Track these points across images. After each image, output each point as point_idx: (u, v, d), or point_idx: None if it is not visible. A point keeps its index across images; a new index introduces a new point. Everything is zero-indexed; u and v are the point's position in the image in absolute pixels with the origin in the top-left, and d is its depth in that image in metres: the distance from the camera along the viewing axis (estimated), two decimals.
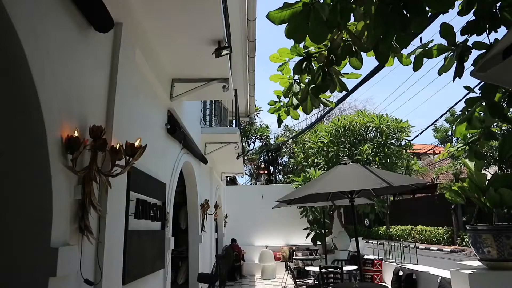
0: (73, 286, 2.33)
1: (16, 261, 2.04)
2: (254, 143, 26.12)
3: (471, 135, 3.71)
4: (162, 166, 4.82)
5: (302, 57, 2.78)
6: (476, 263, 4.48)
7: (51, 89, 2.08)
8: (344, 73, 2.92)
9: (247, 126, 24.12)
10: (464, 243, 18.19)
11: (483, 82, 2.85)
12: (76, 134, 2.21)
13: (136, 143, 2.59)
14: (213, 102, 9.72)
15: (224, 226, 13.65)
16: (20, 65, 1.89)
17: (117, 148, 2.55)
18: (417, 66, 2.75)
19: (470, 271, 4.07)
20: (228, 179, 18.71)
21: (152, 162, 4.28)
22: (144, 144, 2.68)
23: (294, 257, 12.01)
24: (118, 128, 2.93)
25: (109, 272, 2.78)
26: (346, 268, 8.05)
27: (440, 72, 2.92)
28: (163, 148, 4.95)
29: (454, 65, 2.74)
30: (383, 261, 8.12)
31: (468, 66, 2.72)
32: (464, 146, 3.58)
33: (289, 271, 8.79)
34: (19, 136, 2.05)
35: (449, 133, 32.47)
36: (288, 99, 3.13)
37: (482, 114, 3.30)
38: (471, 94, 3.19)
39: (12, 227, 2.06)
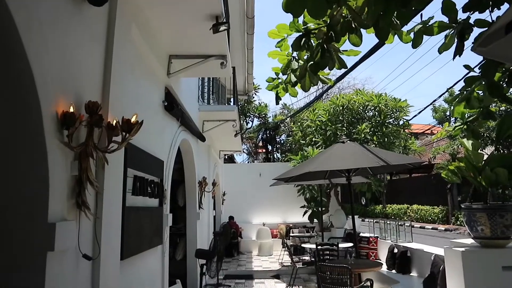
0: (71, 261, 2.36)
1: (14, 235, 2.06)
2: (252, 121, 26.07)
3: (469, 114, 3.70)
4: (159, 143, 4.81)
5: (301, 33, 2.73)
6: (469, 241, 4.54)
7: (44, 64, 2.05)
8: (343, 50, 2.88)
9: (245, 104, 24.01)
10: (458, 222, 18.45)
11: (483, 61, 2.82)
12: (71, 110, 2.19)
13: (133, 119, 2.57)
14: (211, 79, 9.64)
15: (222, 204, 13.78)
16: (12, 39, 1.85)
17: (114, 124, 2.53)
18: (416, 43, 2.71)
19: (463, 249, 4.13)
20: (226, 157, 18.77)
21: (149, 139, 4.27)
22: (141, 120, 2.66)
23: (291, 234, 12.18)
24: (114, 104, 2.91)
25: (107, 248, 2.81)
26: (342, 245, 8.18)
27: (440, 50, 2.89)
28: (161, 125, 4.93)
29: (455, 43, 2.70)
30: (378, 239, 8.24)
31: (469, 44, 2.68)
32: (462, 126, 3.57)
33: (286, 248, 8.93)
34: (13, 112, 2.03)
35: (448, 113, 32.48)
36: (286, 76, 3.10)
37: (481, 94, 3.28)
38: (471, 74, 3.16)
39: (9, 202, 2.06)
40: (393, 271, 6.83)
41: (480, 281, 3.99)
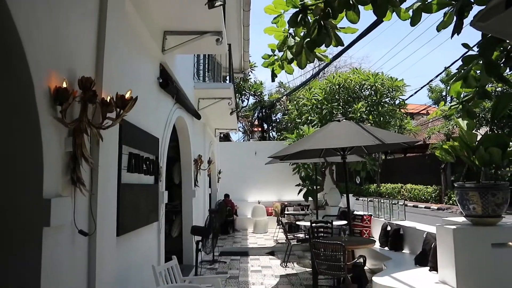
0: (67, 236, 2.38)
1: (10, 211, 2.06)
2: (248, 99, 25.93)
3: (465, 94, 3.70)
4: (154, 120, 4.79)
5: (297, 9, 2.69)
6: (461, 219, 4.62)
7: (35, 38, 2.01)
8: (340, 27, 2.84)
9: (241, 83, 23.83)
10: (451, 201, 18.72)
11: (481, 41, 2.80)
12: (64, 85, 2.16)
13: (127, 95, 2.54)
14: (206, 57, 9.52)
15: (218, 182, 13.85)
16: (1, 13, 1.81)
17: (108, 100, 2.51)
18: (415, 20, 2.67)
19: (454, 226, 4.21)
20: (222, 135, 18.74)
21: (144, 116, 4.24)
22: (135, 96, 2.63)
23: (286, 212, 12.31)
24: (108, 80, 2.87)
25: (103, 224, 2.83)
26: (336, 223, 8.29)
27: (439, 28, 2.85)
28: (155, 102, 4.89)
29: (454, 21, 2.67)
30: (372, 217, 8.35)
31: (468, 23, 2.65)
32: (458, 105, 3.57)
33: (281, 225, 9.04)
34: (4, 87, 2.00)
35: (444, 93, 32.46)
36: (282, 53, 3.06)
37: (478, 73, 3.27)
38: (469, 53, 3.13)
39: (3, 178, 2.06)
40: (386, 248, 6.96)
41: (470, 258, 4.09)
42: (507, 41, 2.71)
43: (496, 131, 16.92)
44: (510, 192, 4.17)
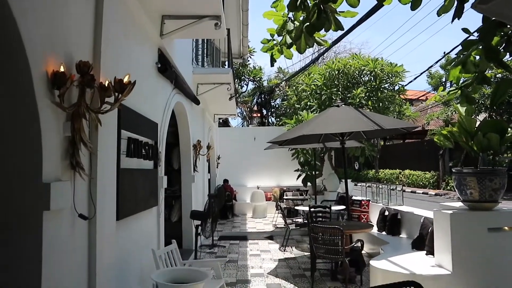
0: (67, 220, 2.40)
1: (10, 195, 2.07)
2: (247, 85, 25.82)
3: (464, 79, 3.69)
4: (153, 105, 4.78)
5: None
6: (458, 204, 4.66)
7: (32, 22, 1.99)
8: (340, 11, 2.81)
9: (240, 68, 23.69)
10: (448, 187, 18.82)
11: (481, 26, 2.77)
12: (62, 69, 2.15)
13: (125, 79, 2.54)
14: (205, 41, 9.44)
15: (217, 167, 13.89)
16: None
17: (106, 84, 2.50)
18: (415, 4, 2.64)
19: (451, 211, 4.25)
20: (221, 121, 18.72)
21: (143, 101, 4.23)
22: (133, 80, 2.62)
23: (285, 197, 12.39)
24: (106, 65, 2.86)
25: (103, 208, 2.85)
26: (335, 208, 8.35)
27: (439, 13, 2.83)
28: (154, 87, 4.87)
29: (454, 5, 2.64)
30: (370, 202, 8.41)
31: (469, 7, 2.63)
32: (456, 90, 3.56)
33: (280, 210, 9.11)
34: (1, 71, 1.99)
35: (443, 79, 32.31)
36: (281, 37, 3.04)
37: (478, 59, 3.25)
38: (469, 39, 3.11)
39: (2, 163, 2.06)
40: (383, 232, 7.03)
41: (466, 242, 4.13)
42: (508, 26, 2.69)
43: (495, 118, 16.91)
44: (507, 178, 4.20)
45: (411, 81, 35.05)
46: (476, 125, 4.39)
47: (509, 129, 4.31)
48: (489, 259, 4.07)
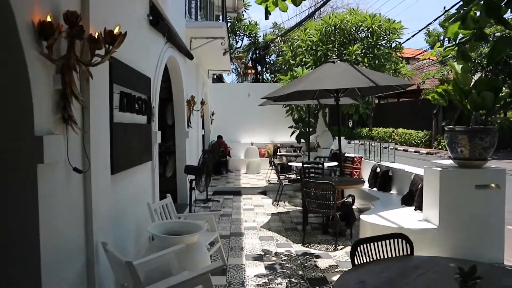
0: (62, 174, 2.41)
1: (3, 149, 2.07)
2: (242, 40, 25.22)
3: (462, 36, 3.62)
4: (145, 59, 4.68)
5: None
6: (448, 162, 4.74)
7: None
8: None
9: (235, 22, 23.05)
10: (440, 146, 19.05)
11: None
12: (49, 19, 2.07)
13: (116, 30, 2.46)
14: None
15: (211, 123, 13.88)
16: None
17: (96, 36, 2.42)
18: None
19: (441, 168, 4.33)
20: (215, 77, 18.48)
21: (135, 55, 4.14)
22: (124, 32, 2.54)
23: (278, 153, 12.50)
24: (95, 16, 2.76)
25: (97, 162, 2.86)
26: (327, 164, 8.46)
27: None
28: (146, 41, 4.75)
29: None
30: (362, 159, 8.52)
31: None
32: (453, 47, 3.51)
33: (273, 166, 9.22)
34: None
35: (441, 37, 31.75)
36: None
37: (478, 14, 3.18)
38: None
39: None
40: (375, 189, 7.19)
41: (454, 198, 4.26)
42: None
43: (490, 77, 16.84)
44: (497, 137, 4.25)
45: (408, 39, 34.52)
46: (471, 84, 4.38)
47: (503, 88, 4.31)
48: (474, 215, 4.22)
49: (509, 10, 3.14)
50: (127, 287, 2.68)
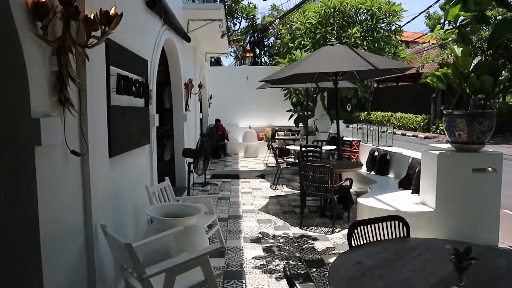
0: (60, 157, 2.41)
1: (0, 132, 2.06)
2: (240, 22, 24.95)
3: (463, 18, 3.58)
4: (142, 42, 4.62)
5: None
6: (446, 146, 4.75)
7: None
8: None
9: (232, 4, 22.74)
10: (438, 130, 19.08)
11: None
12: None
13: (112, 11, 2.42)
14: None
15: (209, 107, 13.83)
16: None
17: (92, 17, 2.38)
18: None
19: (439, 152, 4.34)
20: (213, 60, 18.31)
21: (132, 37, 4.09)
22: (120, 13, 2.50)
23: (277, 137, 12.50)
24: None
25: (95, 144, 2.85)
26: (326, 147, 8.48)
27: None
28: (143, 23, 4.69)
29: None
30: (360, 142, 8.53)
31: None
32: (454, 29, 3.47)
33: (271, 149, 9.23)
34: None
35: (442, 21, 31.45)
36: None
37: None
38: None
39: None
40: (372, 172, 7.22)
41: (451, 181, 4.28)
42: None
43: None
44: (495, 121, 4.25)
45: (408, 22, 34.20)
46: (471, 68, 4.35)
47: (503, 72, 4.28)
48: (470, 198, 4.25)
49: None
50: (127, 268, 2.71)
